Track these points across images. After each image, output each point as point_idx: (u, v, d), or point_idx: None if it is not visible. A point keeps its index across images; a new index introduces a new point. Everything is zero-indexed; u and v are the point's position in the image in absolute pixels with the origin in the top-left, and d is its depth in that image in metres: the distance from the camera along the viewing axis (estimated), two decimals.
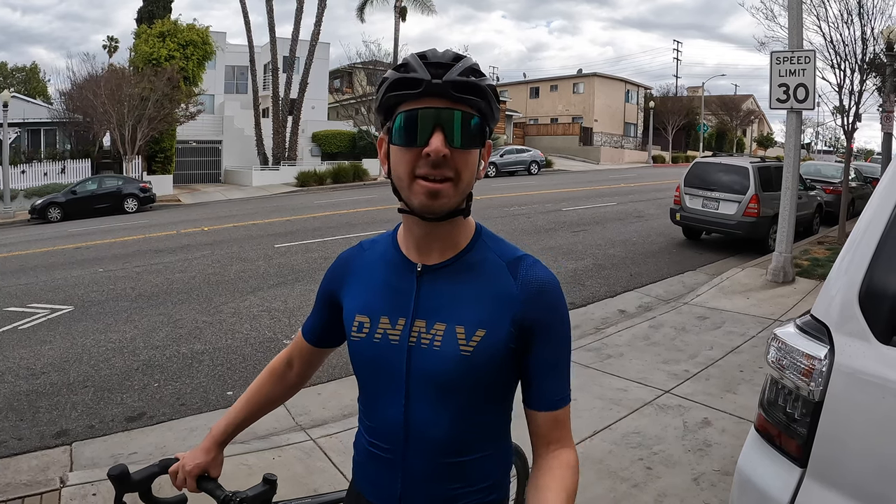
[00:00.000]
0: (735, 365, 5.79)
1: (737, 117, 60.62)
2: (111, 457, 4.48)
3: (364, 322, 1.36)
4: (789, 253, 9.20)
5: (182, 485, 1.62)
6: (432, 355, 1.28)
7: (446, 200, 1.23)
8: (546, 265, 1.36)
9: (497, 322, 1.27)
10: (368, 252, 1.46)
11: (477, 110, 1.24)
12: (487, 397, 1.33)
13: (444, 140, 1.20)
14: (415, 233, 1.33)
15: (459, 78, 1.20)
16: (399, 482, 1.34)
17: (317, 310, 1.57)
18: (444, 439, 1.31)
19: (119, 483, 1.58)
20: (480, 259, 1.34)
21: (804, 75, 8.77)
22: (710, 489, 3.70)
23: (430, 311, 1.31)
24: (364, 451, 1.43)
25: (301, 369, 1.65)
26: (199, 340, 7.02)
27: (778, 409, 2.00)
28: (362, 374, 1.41)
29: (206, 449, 1.62)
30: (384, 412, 1.35)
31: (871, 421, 1.75)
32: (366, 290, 1.40)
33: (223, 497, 1.60)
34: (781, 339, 1.99)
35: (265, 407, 1.67)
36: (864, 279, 1.83)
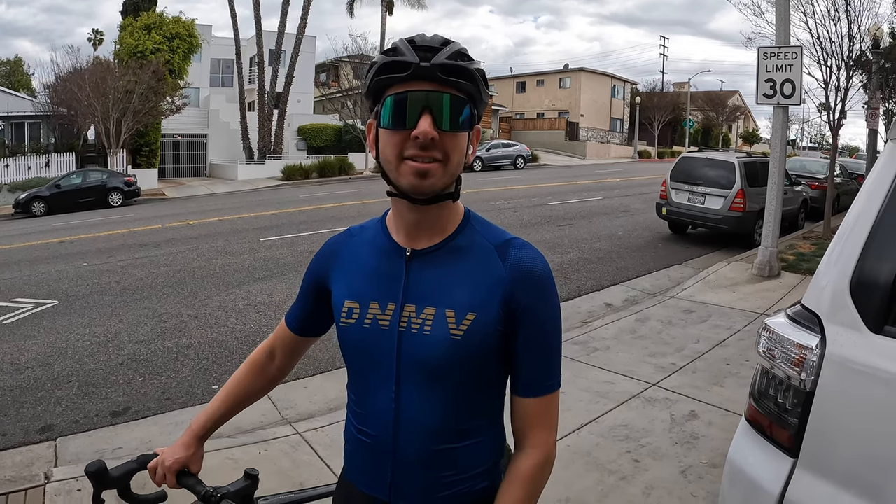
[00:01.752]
0: (721, 358, 5.81)
1: (723, 113, 60.84)
2: (95, 452, 4.43)
3: (353, 308, 1.35)
4: (775, 247, 9.25)
5: (161, 481, 1.58)
6: (423, 340, 1.27)
7: (435, 180, 1.23)
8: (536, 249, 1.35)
9: (487, 305, 1.27)
10: (357, 238, 1.45)
11: (465, 93, 1.23)
12: (479, 382, 1.32)
13: (432, 122, 1.19)
14: (404, 217, 1.32)
15: (448, 61, 1.20)
16: (389, 470, 1.33)
17: (302, 297, 1.55)
18: (436, 426, 1.30)
19: (97, 480, 1.54)
20: (469, 243, 1.33)
21: (791, 71, 8.80)
22: (697, 481, 3.70)
23: (419, 295, 1.30)
24: (354, 440, 1.41)
25: (283, 360, 1.62)
26: (184, 334, 6.98)
27: (769, 400, 1.99)
28: (352, 361, 1.39)
29: (186, 444, 1.58)
30: (374, 399, 1.34)
31: (863, 410, 1.75)
32: (354, 276, 1.38)
33: (204, 493, 1.55)
34: (772, 330, 1.99)
35: (245, 400, 1.64)
36: (856, 269, 1.83)
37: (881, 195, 1.86)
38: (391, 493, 1.34)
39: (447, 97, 1.21)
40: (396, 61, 1.21)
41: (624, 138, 60.98)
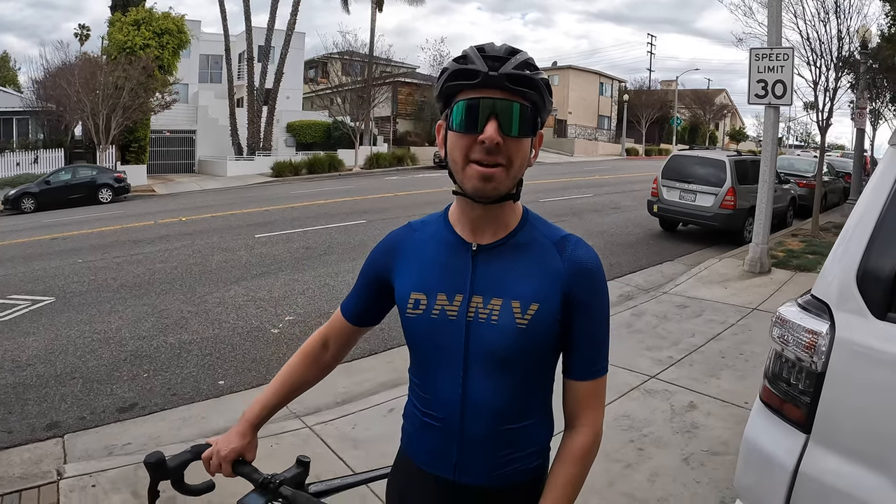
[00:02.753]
0: (717, 351, 5.94)
1: (710, 111, 61.28)
2: (105, 448, 4.48)
3: (420, 299, 1.43)
4: (766, 244, 9.41)
5: (217, 470, 1.62)
6: (491, 329, 1.36)
7: (498, 184, 1.31)
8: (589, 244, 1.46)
9: (548, 296, 1.36)
10: (419, 232, 1.52)
11: (530, 102, 1.31)
12: (539, 367, 1.42)
13: (497, 128, 1.27)
14: (468, 214, 1.41)
15: (514, 71, 1.27)
16: (455, 450, 1.42)
17: (360, 288, 1.62)
18: (501, 409, 1.39)
19: (155, 470, 1.58)
20: (530, 239, 1.42)
21: (782, 72, 8.96)
22: (699, 468, 3.84)
23: (486, 287, 1.38)
24: (418, 422, 1.50)
25: (337, 349, 1.70)
26: (185, 330, 7.02)
27: (782, 381, 2.16)
28: (418, 349, 1.48)
29: (241, 433, 1.63)
30: (441, 384, 1.43)
31: (869, 389, 1.92)
32: (420, 268, 1.46)
33: (261, 480, 1.58)
34: (784, 317, 2.15)
35: (298, 389, 1.70)
36: (861, 263, 2.01)
37: (882, 198, 2.04)
38: (456, 471, 1.43)
39: (516, 105, 1.28)
40: (467, 69, 1.29)
41: (612, 136, 61.24)
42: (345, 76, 38.21)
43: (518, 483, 1.45)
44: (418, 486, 1.52)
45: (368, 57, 37.04)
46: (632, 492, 3.60)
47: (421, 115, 44.25)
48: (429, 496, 1.49)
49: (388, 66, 40.18)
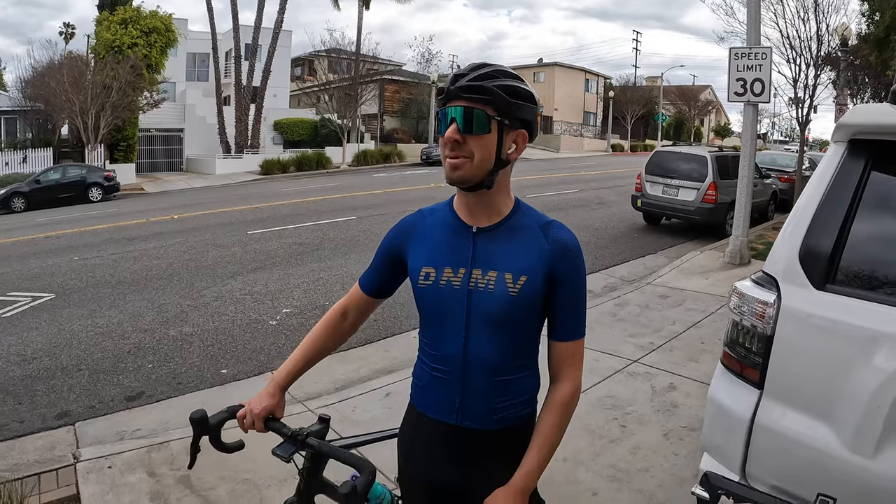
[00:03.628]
0: (696, 338, 6.26)
1: (695, 107, 61.71)
2: (116, 434, 4.65)
3: (430, 272, 1.72)
4: (745, 237, 9.75)
5: (250, 426, 1.86)
6: (488, 296, 1.66)
7: (464, 173, 1.60)
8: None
9: (535, 270, 1.65)
10: (429, 218, 1.81)
11: (485, 105, 1.57)
12: (527, 329, 1.71)
13: (456, 129, 1.57)
14: (466, 202, 1.71)
15: (467, 83, 1.57)
16: (458, 397, 1.72)
17: (377, 265, 1.91)
18: (496, 362, 1.69)
19: (199, 426, 1.83)
20: (520, 223, 1.71)
21: (761, 70, 9.28)
22: (678, 443, 4.14)
23: (484, 262, 1.68)
24: (427, 377, 1.79)
25: (354, 319, 1.98)
26: (186, 323, 7.24)
27: (739, 346, 2.51)
28: (428, 314, 1.77)
29: (271, 393, 1.88)
30: (447, 343, 1.71)
31: (811, 349, 2.26)
32: (430, 247, 1.75)
33: (291, 433, 1.83)
34: (741, 290, 2.53)
35: (320, 354, 1.97)
36: (803, 243, 2.36)
37: (823, 188, 2.40)
38: (458, 416, 1.73)
39: (468, 109, 1.57)
40: (440, 87, 1.64)
41: (597, 132, 61.62)
42: (332, 74, 38.35)
43: (511, 427, 1.74)
44: (426, 432, 1.81)
45: (356, 55, 37.18)
46: (616, 463, 3.90)
47: (407, 112, 44.44)
48: (435, 439, 1.78)
49: (375, 63, 40.34)
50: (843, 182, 2.36)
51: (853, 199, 2.32)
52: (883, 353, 2.06)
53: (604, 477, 3.75)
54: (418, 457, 1.84)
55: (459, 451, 1.76)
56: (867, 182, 2.33)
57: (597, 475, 3.75)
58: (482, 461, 1.75)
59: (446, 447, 1.77)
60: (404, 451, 1.91)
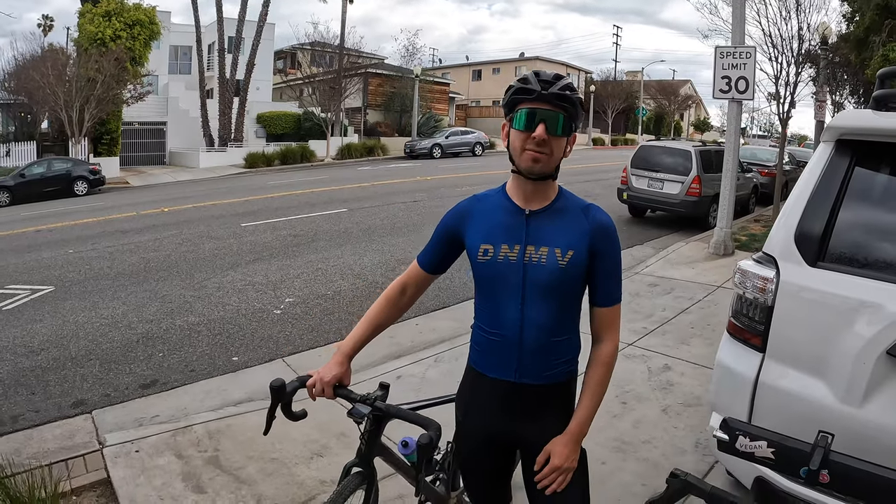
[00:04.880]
0: (686, 323, 6.58)
1: (675, 102, 62.31)
2: (135, 420, 4.74)
3: (488, 249, 1.98)
4: (729, 229, 10.10)
5: (319, 394, 2.08)
6: (540, 268, 1.93)
7: (543, 166, 1.90)
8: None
9: (579, 246, 1.94)
10: (483, 202, 2.08)
11: (568, 113, 1.89)
12: (572, 296, 1.99)
13: (545, 129, 1.85)
14: (522, 188, 1.99)
15: (559, 91, 1.87)
16: (516, 357, 1.99)
17: (435, 243, 2.15)
18: (548, 325, 1.96)
19: (277, 393, 2.05)
20: (564, 206, 2.01)
21: (745, 69, 9.63)
22: (676, 417, 4.46)
23: (536, 239, 1.95)
24: (485, 341, 2.05)
25: (412, 294, 2.23)
26: (191, 313, 7.38)
27: (743, 316, 2.91)
28: (487, 285, 2.03)
29: (340, 363, 2.11)
30: (506, 309, 1.98)
31: (805, 317, 2.66)
32: (487, 227, 2.01)
33: (360, 397, 2.06)
34: (743, 268, 2.93)
35: (381, 326, 2.21)
36: (798, 226, 2.76)
37: (813, 181, 2.80)
38: (517, 374, 2.00)
39: (560, 115, 1.87)
40: (527, 88, 1.88)
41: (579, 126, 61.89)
42: (315, 67, 38.27)
43: (559, 382, 2.04)
44: (486, 390, 2.07)
45: (339, 48, 37.14)
46: (620, 436, 4.19)
47: (391, 105, 44.42)
48: (494, 396, 2.05)
49: (359, 57, 40.31)
50: (832, 176, 2.75)
51: (840, 190, 2.70)
52: (866, 318, 2.45)
53: (610, 448, 4.03)
54: (478, 412, 2.11)
55: (516, 404, 2.03)
56: (851, 176, 2.72)
57: (603, 447, 4.02)
58: (535, 412, 2.03)
59: (504, 402, 2.03)
60: (463, 408, 2.18)
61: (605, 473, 3.75)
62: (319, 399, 2.13)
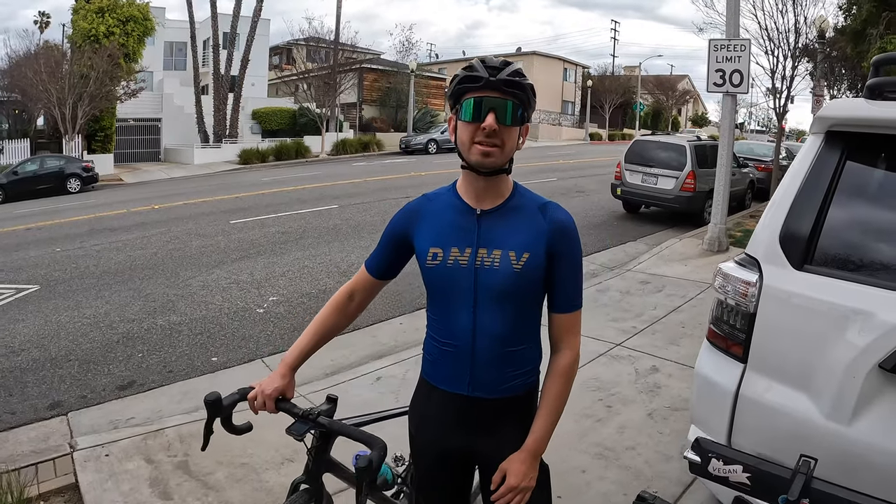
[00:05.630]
0: (677, 322, 6.44)
1: (672, 97, 62.18)
2: (109, 423, 4.68)
3: (437, 252, 1.83)
4: (724, 224, 9.95)
5: (261, 407, 1.94)
6: (493, 273, 1.78)
7: (495, 160, 1.73)
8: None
9: (536, 247, 1.79)
10: (434, 201, 1.93)
11: (519, 100, 1.73)
12: (530, 303, 1.84)
13: (495, 119, 1.69)
14: (473, 185, 1.83)
15: (508, 77, 1.70)
16: (469, 369, 1.84)
17: (383, 248, 2.00)
18: (502, 334, 1.81)
19: (213, 408, 1.90)
20: (520, 205, 1.85)
21: (740, 62, 9.47)
22: (662, 422, 4.31)
23: (488, 241, 1.80)
24: (437, 351, 1.91)
25: (361, 300, 2.08)
26: (173, 312, 7.28)
27: (724, 323, 2.70)
28: (437, 291, 1.89)
29: (282, 374, 1.98)
30: (457, 318, 1.83)
31: (790, 325, 2.43)
32: (436, 229, 1.86)
33: (302, 412, 1.92)
34: (725, 271, 2.71)
35: (328, 335, 2.07)
36: (783, 226, 2.53)
37: (801, 176, 2.57)
38: (469, 387, 1.85)
39: (509, 102, 1.71)
40: (473, 75, 1.72)
41: (576, 121, 61.79)
42: (310, 63, 38.12)
43: (518, 395, 1.89)
44: (438, 403, 1.93)
45: (334, 43, 36.98)
46: (602, 441, 4.05)
47: (386, 101, 44.29)
48: (447, 410, 1.90)
49: (354, 52, 40.15)
50: (821, 170, 2.53)
51: (829, 186, 2.48)
52: (856, 328, 2.22)
53: (591, 455, 3.89)
54: (431, 426, 1.96)
55: (470, 419, 1.88)
56: (843, 171, 2.49)
57: (584, 453, 3.89)
58: (491, 427, 1.88)
59: (458, 416, 1.89)
60: (416, 422, 2.03)
61: (585, 482, 3.61)
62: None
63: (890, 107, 2.42)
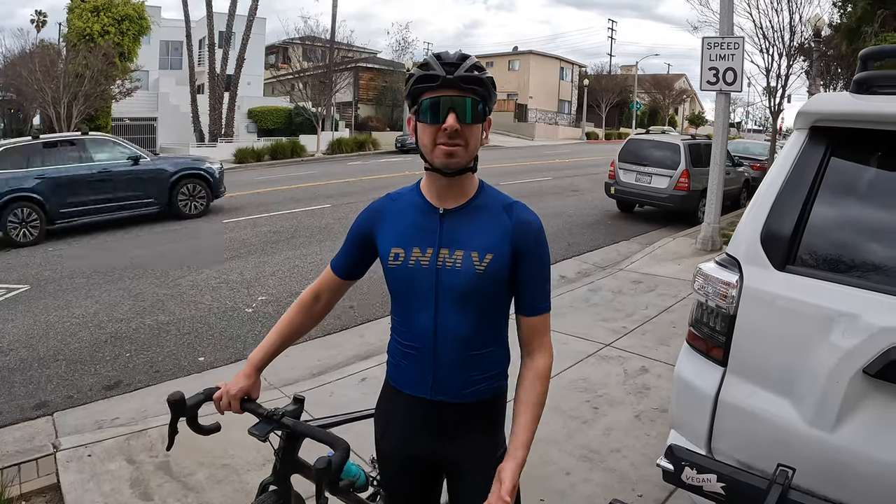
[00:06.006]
0: (668, 322, 6.39)
1: (669, 96, 62.23)
2: (95, 423, 4.65)
3: (399, 252, 1.78)
4: (717, 224, 9.92)
5: (226, 407, 1.92)
6: (455, 274, 1.73)
7: (459, 159, 1.69)
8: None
9: (500, 248, 1.74)
10: (397, 201, 1.88)
11: (479, 96, 1.68)
12: (494, 305, 1.79)
13: (456, 118, 1.64)
14: (436, 185, 1.78)
15: (466, 73, 1.65)
16: (431, 373, 1.79)
17: (347, 248, 1.95)
18: (465, 337, 1.76)
19: (176, 408, 1.87)
20: (484, 204, 1.80)
21: (733, 60, 9.43)
22: (650, 424, 4.26)
23: (451, 241, 1.75)
24: (399, 354, 1.86)
25: (327, 301, 2.03)
26: (162, 312, 7.23)
27: (703, 325, 2.61)
28: (399, 292, 1.84)
29: (247, 374, 1.95)
30: (418, 319, 1.79)
31: (772, 328, 2.35)
32: (399, 229, 1.81)
33: (266, 413, 1.89)
34: (704, 272, 2.61)
35: (294, 335, 2.04)
36: (765, 225, 2.43)
37: (784, 173, 2.48)
38: (432, 391, 1.80)
39: (469, 100, 1.66)
40: (429, 74, 1.66)
41: (572, 120, 61.83)
42: (306, 62, 38.06)
43: (483, 399, 1.84)
44: (402, 407, 1.88)
45: (330, 42, 36.93)
46: (588, 443, 4.01)
47: (382, 100, 44.28)
48: (411, 414, 1.86)
49: (350, 51, 40.09)
50: (804, 167, 2.44)
51: (813, 183, 2.39)
52: (840, 331, 2.13)
53: (577, 457, 3.85)
54: (395, 431, 1.92)
55: (435, 424, 1.84)
56: (827, 167, 2.40)
57: (569, 455, 3.85)
58: (456, 433, 1.83)
59: (422, 421, 1.85)
60: (381, 427, 1.98)
61: (570, 485, 3.57)
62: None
63: (876, 101, 2.32)
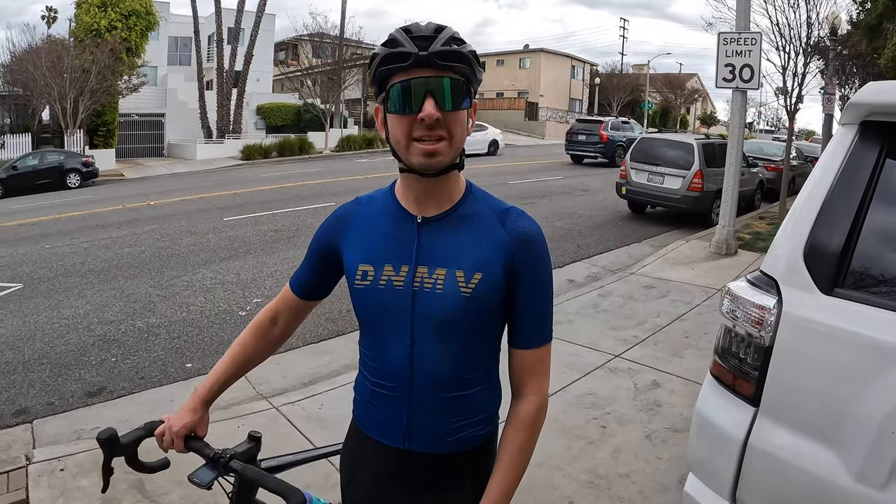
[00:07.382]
0: (681, 331, 6.06)
1: (681, 95, 61.70)
2: (74, 432, 4.47)
3: (368, 270, 1.46)
4: (732, 226, 9.57)
5: (169, 446, 1.63)
6: (435, 298, 1.40)
7: (442, 158, 1.35)
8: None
9: (491, 266, 1.40)
10: (367, 207, 1.55)
11: (461, 75, 1.35)
12: (483, 336, 1.45)
13: (435, 105, 1.31)
14: (414, 188, 1.45)
15: (443, 48, 1.31)
16: (405, 418, 1.46)
17: (308, 263, 1.64)
18: (447, 375, 1.43)
19: (108, 447, 1.60)
20: (473, 211, 1.46)
21: (750, 56, 9.08)
22: (661, 445, 3.93)
23: (430, 257, 1.42)
24: (368, 392, 1.53)
25: (286, 324, 1.71)
26: (153, 314, 6.99)
27: (732, 356, 2.21)
28: (367, 319, 1.51)
29: (193, 409, 1.65)
30: (390, 353, 1.46)
31: (817, 364, 1.97)
32: (367, 241, 1.49)
33: (213, 455, 1.59)
34: (734, 293, 2.20)
35: (249, 364, 1.72)
36: (809, 239, 2.05)
37: (831, 176, 2.09)
38: (406, 439, 1.47)
39: (447, 81, 1.32)
40: (397, 52, 1.32)
41: None
42: (315, 58, 37.88)
43: (468, 449, 1.50)
44: (370, 456, 1.55)
45: (339, 39, 36.74)
46: (595, 468, 3.69)
47: None
48: (381, 464, 1.53)
49: (359, 48, 39.85)
50: (855, 170, 2.06)
51: (866, 189, 2.01)
52: None
53: (581, 483, 3.54)
54: (362, 480, 1.59)
55: (409, 476, 1.51)
56: (882, 170, 2.03)
57: (574, 480, 3.54)
58: (436, 487, 1.50)
59: (394, 472, 1.52)
60: (346, 473, 1.66)
61: None
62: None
63: None
